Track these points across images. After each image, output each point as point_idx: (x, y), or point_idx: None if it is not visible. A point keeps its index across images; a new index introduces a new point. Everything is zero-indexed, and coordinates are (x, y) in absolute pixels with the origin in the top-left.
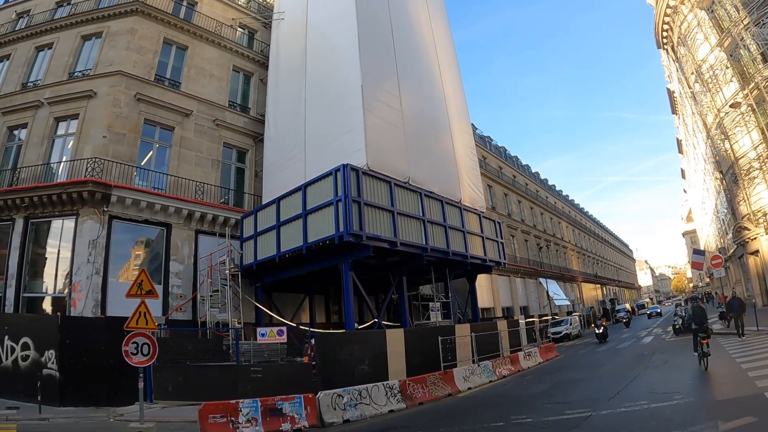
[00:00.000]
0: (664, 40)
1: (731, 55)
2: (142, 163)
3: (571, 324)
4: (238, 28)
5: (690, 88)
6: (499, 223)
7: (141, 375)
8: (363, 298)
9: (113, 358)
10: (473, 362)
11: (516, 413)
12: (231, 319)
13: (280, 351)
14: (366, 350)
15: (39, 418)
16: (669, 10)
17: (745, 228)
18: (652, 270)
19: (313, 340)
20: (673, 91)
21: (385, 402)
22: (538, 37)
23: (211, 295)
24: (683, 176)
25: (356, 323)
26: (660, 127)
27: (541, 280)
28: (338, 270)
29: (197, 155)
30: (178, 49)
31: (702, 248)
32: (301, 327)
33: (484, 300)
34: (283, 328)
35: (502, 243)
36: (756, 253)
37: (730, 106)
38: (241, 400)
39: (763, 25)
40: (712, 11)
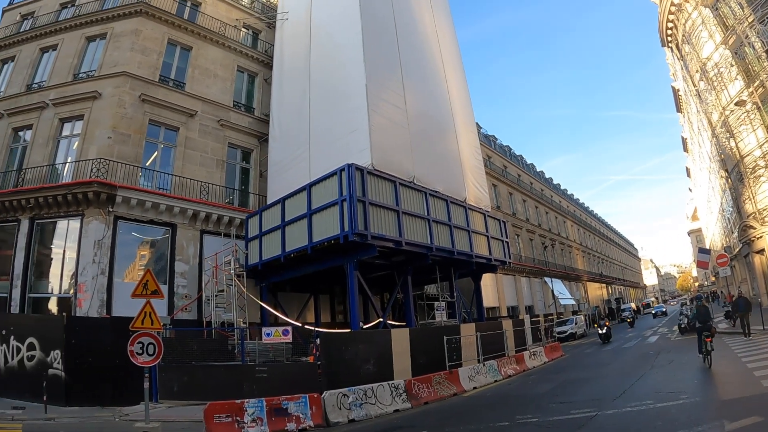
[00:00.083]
0: (669, 38)
1: (736, 53)
2: (147, 164)
3: (576, 323)
4: (242, 29)
5: (695, 86)
6: (504, 222)
7: (146, 375)
8: (368, 298)
9: (119, 358)
10: (478, 362)
11: (521, 413)
12: (236, 319)
13: (285, 351)
14: (371, 350)
15: (45, 418)
16: (673, 8)
17: (751, 226)
18: (658, 269)
19: (318, 340)
20: (678, 90)
21: (391, 402)
22: (541, 36)
23: (216, 295)
24: (688, 175)
25: (361, 323)
26: (665, 126)
27: (546, 280)
28: (343, 270)
29: (202, 155)
30: (182, 49)
31: (707, 247)
32: (306, 327)
33: (489, 299)
34: (288, 328)
35: (507, 242)
36: (762, 251)
37: (735, 104)
38: (247, 400)
39: None
40: (717, 9)
